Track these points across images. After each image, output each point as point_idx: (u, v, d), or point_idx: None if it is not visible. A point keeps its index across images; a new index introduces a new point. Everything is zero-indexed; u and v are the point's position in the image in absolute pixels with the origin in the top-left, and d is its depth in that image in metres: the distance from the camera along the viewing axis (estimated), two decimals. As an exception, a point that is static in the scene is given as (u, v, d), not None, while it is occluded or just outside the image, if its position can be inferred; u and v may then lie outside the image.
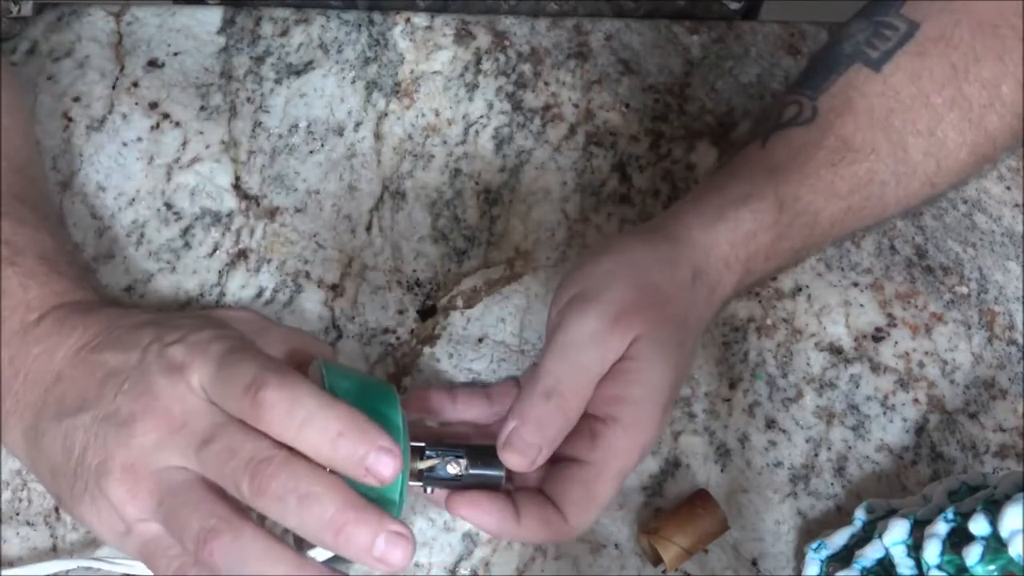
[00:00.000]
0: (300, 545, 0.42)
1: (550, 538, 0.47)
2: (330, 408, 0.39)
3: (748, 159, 0.54)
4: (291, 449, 0.39)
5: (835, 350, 0.59)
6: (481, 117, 0.64)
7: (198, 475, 0.41)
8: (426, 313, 0.58)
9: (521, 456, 0.45)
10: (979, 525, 0.44)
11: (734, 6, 0.69)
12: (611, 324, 0.46)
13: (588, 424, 0.47)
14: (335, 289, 0.58)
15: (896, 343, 0.59)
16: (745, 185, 0.52)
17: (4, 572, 0.51)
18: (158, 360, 0.43)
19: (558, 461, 0.48)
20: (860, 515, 0.52)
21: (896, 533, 0.48)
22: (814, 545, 0.51)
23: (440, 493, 0.48)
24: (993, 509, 0.44)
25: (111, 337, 0.46)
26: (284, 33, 0.66)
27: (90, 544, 0.51)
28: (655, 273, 0.49)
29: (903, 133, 0.52)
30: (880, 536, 0.49)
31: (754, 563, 0.53)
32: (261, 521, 0.41)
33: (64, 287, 0.48)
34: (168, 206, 0.60)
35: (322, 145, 0.62)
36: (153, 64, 0.64)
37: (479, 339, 0.58)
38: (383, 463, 0.38)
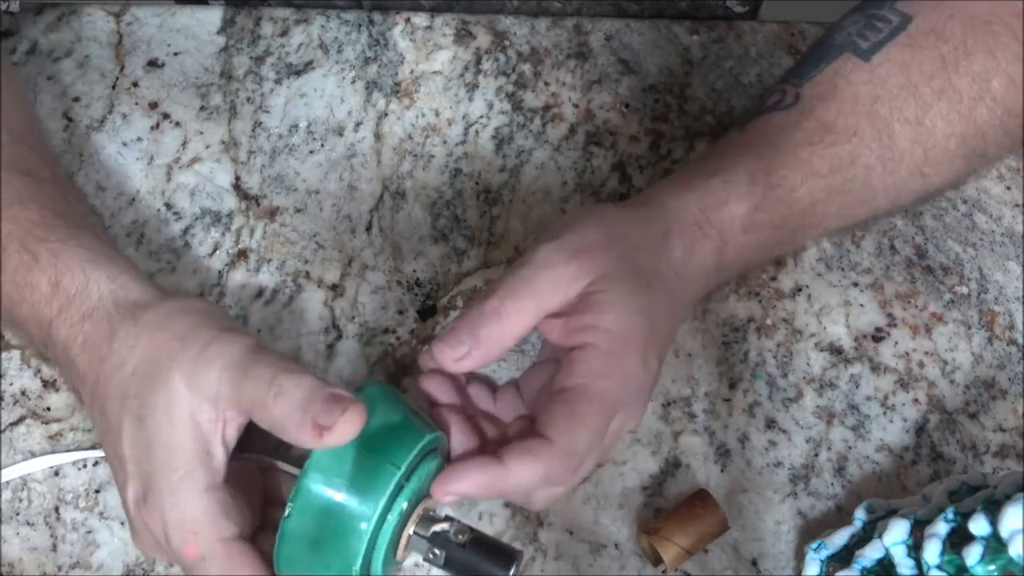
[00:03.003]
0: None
1: (542, 470, 0.44)
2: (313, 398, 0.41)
3: (725, 143, 0.55)
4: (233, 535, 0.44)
5: (835, 350, 0.59)
6: (481, 117, 0.64)
7: None
8: (426, 313, 0.58)
9: (446, 346, 0.46)
10: (979, 525, 0.44)
11: (739, 9, 0.69)
12: (569, 256, 0.47)
13: (565, 358, 0.47)
14: (335, 289, 0.58)
15: (896, 343, 0.59)
16: (717, 161, 0.53)
17: (4, 469, 0.52)
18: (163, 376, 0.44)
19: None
20: (860, 515, 0.52)
21: (896, 533, 0.48)
22: (814, 545, 0.51)
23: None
24: (993, 509, 0.44)
25: (166, 343, 0.45)
26: (284, 33, 0.66)
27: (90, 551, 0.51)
28: (624, 224, 0.50)
29: (889, 120, 0.53)
30: (880, 536, 0.49)
31: (754, 563, 0.53)
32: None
33: (108, 288, 0.47)
34: (168, 206, 0.60)
35: (322, 145, 0.62)
36: (153, 64, 0.64)
37: (479, 339, 0.58)
38: (327, 414, 0.41)
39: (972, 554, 0.44)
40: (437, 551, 0.43)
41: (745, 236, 0.52)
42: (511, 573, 0.43)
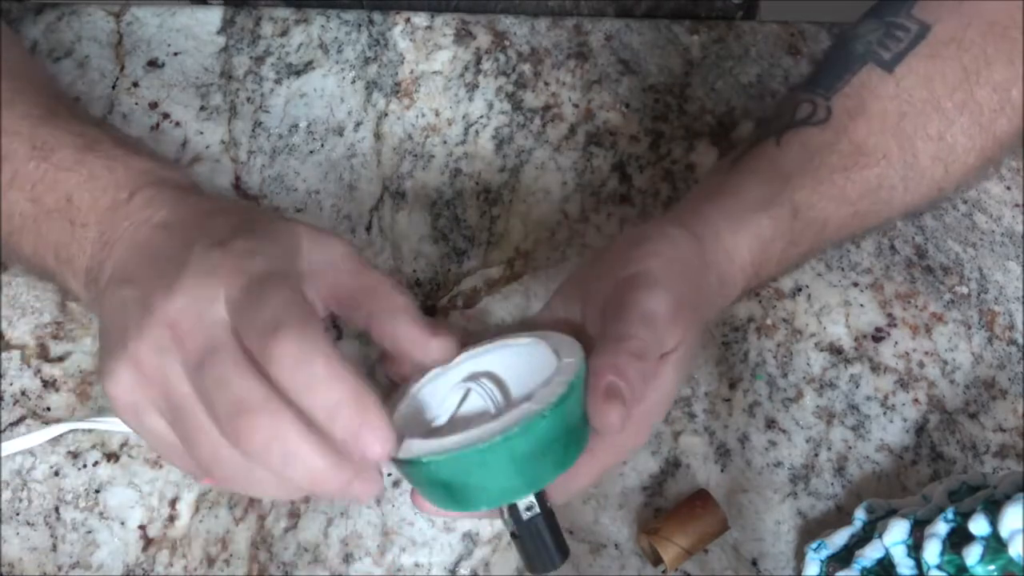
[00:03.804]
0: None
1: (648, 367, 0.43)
2: (337, 379, 0.37)
3: (763, 158, 0.54)
4: (277, 393, 0.38)
5: (835, 350, 0.59)
6: (481, 117, 0.64)
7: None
8: (426, 313, 0.58)
9: (620, 412, 0.42)
10: (979, 525, 0.44)
11: None
12: (673, 313, 0.45)
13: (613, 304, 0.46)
14: (335, 289, 0.59)
15: (896, 343, 0.59)
16: (763, 189, 0.52)
17: (4, 443, 0.52)
18: (197, 260, 0.41)
19: None
20: (860, 515, 0.52)
21: (896, 533, 0.48)
22: (814, 545, 0.51)
23: None
24: (993, 509, 0.44)
25: (184, 223, 0.44)
26: (284, 33, 0.66)
27: (88, 543, 0.52)
28: (696, 273, 0.48)
29: (914, 138, 0.52)
30: (880, 536, 0.49)
31: (754, 563, 0.53)
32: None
33: (148, 165, 0.46)
34: (168, 206, 0.60)
35: (322, 145, 0.62)
36: (153, 64, 0.64)
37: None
38: (370, 445, 0.38)
39: (972, 554, 0.44)
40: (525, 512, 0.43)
41: (776, 268, 0.52)
42: (560, 563, 0.44)
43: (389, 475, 0.54)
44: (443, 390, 0.44)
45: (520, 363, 0.45)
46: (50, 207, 0.45)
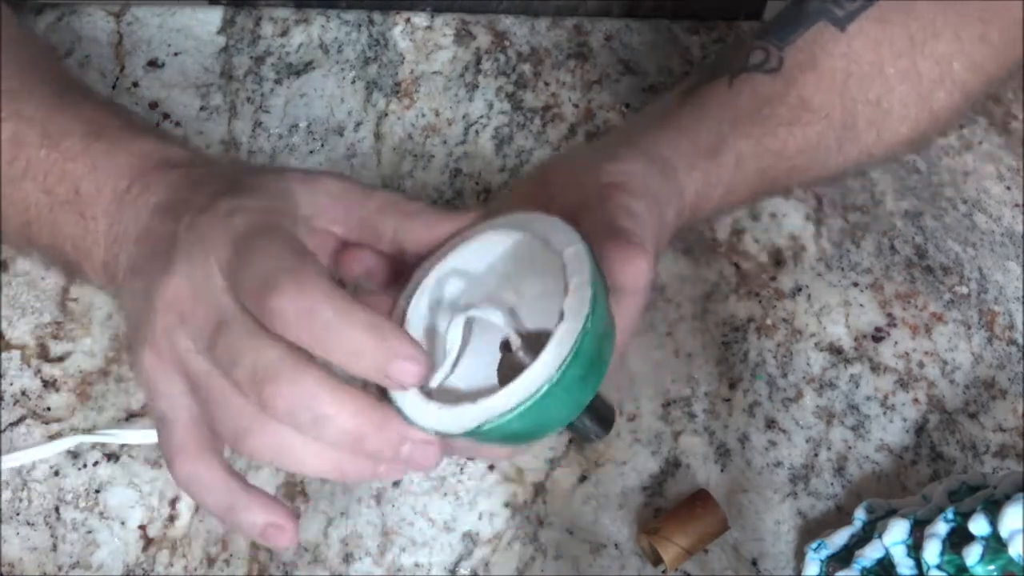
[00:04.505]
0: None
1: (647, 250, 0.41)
2: (346, 320, 0.35)
3: (714, 97, 0.53)
4: (301, 352, 0.35)
5: (835, 350, 0.59)
6: (481, 117, 0.64)
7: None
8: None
9: (647, 259, 0.41)
10: (979, 525, 0.44)
11: None
12: (655, 231, 0.45)
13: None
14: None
15: (896, 343, 0.59)
16: (714, 133, 0.51)
17: (5, 456, 0.52)
18: (184, 233, 0.39)
19: None
20: (860, 515, 0.52)
21: (896, 533, 0.48)
22: (814, 545, 0.51)
23: None
24: (993, 509, 0.44)
25: (174, 200, 0.42)
26: (284, 33, 0.66)
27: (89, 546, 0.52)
28: (662, 201, 0.48)
29: (855, 100, 0.52)
30: (880, 536, 0.49)
31: (754, 563, 0.53)
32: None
33: (149, 147, 0.44)
34: (168, 206, 0.60)
35: (322, 145, 0.62)
36: (153, 64, 0.64)
37: (479, 339, 0.58)
38: (403, 372, 0.35)
39: (972, 554, 0.44)
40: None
41: (709, 213, 0.52)
42: (607, 432, 0.40)
43: (389, 475, 0.54)
44: (418, 320, 0.40)
45: (508, 261, 0.41)
46: (62, 198, 0.44)
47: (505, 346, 0.38)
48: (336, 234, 0.41)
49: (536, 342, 0.37)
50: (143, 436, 0.54)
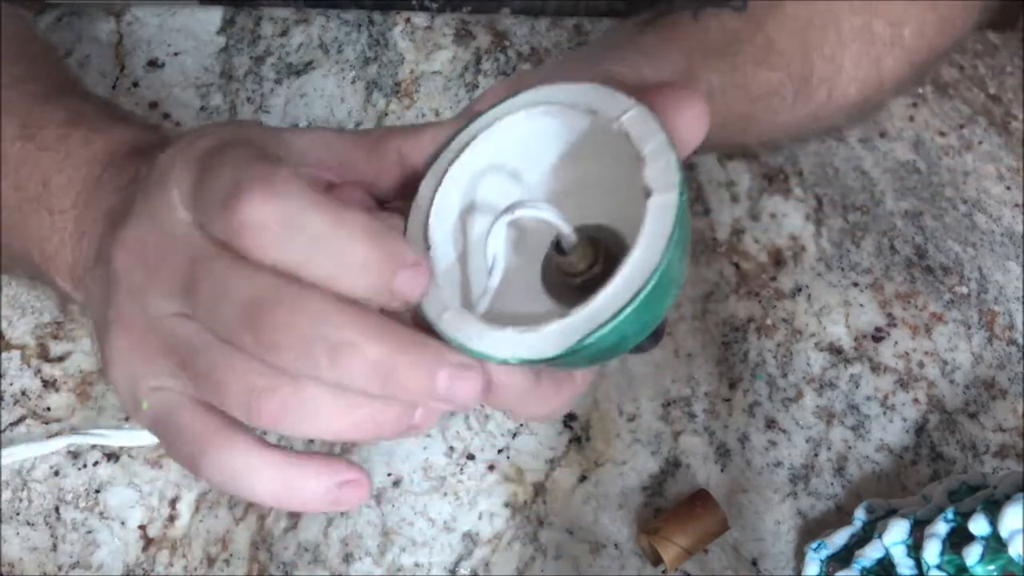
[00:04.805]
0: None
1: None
2: (341, 224, 0.29)
3: (679, 29, 0.48)
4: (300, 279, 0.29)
5: (835, 350, 0.59)
6: (481, 117, 0.64)
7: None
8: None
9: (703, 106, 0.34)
10: (979, 525, 0.44)
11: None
12: None
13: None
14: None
15: (896, 343, 0.59)
16: (683, 61, 0.47)
17: (4, 450, 0.52)
18: (143, 179, 0.33)
19: None
20: (860, 515, 0.52)
21: (896, 533, 0.48)
22: (814, 545, 0.51)
23: None
24: (993, 509, 0.44)
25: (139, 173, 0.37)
26: (284, 33, 0.66)
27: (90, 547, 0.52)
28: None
29: (811, 52, 0.50)
30: (880, 536, 0.49)
31: (754, 563, 0.53)
32: None
33: (127, 134, 0.40)
34: (168, 206, 0.60)
35: (322, 145, 0.62)
36: (153, 64, 0.64)
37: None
38: (409, 283, 0.30)
39: (972, 554, 0.44)
40: None
41: None
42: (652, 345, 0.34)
43: (389, 475, 0.54)
44: (441, 230, 0.33)
45: (539, 144, 0.34)
46: (31, 194, 0.40)
47: (556, 247, 0.32)
48: (328, 181, 0.34)
49: (588, 239, 0.31)
50: (141, 438, 0.53)
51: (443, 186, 0.32)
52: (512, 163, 0.33)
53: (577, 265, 0.32)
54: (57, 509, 0.52)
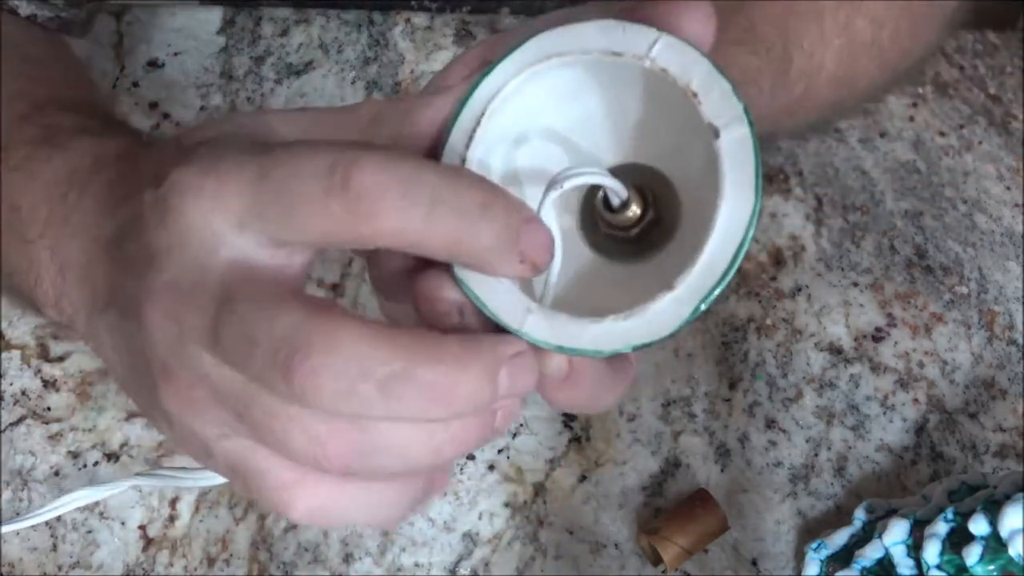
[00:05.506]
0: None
1: None
2: (456, 177, 0.27)
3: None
4: (329, 309, 0.26)
5: (835, 350, 0.59)
6: (481, 117, 0.64)
7: None
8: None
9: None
10: (979, 525, 0.44)
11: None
12: None
13: None
14: (335, 289, 0.58)
15: (896, 343, 0.59)
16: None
17: (77, 492, 0.50)
18: (158, 204, 0.28)
19: None
20: (860, 515, 0.52)
21: (896, 533, 0.48)
22: (814, 545, 0.51)
23: None
24: (993, 509, 0.44)
25: (119, 193, 0.33)
26: (284, 33, 0.66)
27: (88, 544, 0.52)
28: None
29: (791, 43, 0.48)
30: (880, 536, 0.49)
31: (754, 563, 0.53)
32: None
33: (87, 144, 0.37)
34: (168, 206, 0.60)
35: (322, 145, 0.62)
36: (153, 64, 0.64)
37: (479, 339, 0.58)
38: (535, 240, 0.27)
39: (972, 554, 0.44)
40: None
41: None
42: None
43: (389, 475, 0.54)
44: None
45: (556, 96, 0.31)
46: (6, 221, 0.36)
47: (605, 204, 0.30)
48: None
49: (633, 187, 0.29)
50: (206, 478, 0.47)
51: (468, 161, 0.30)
52: (536, 125, 0.31)
53: (631, 219, 0.30)
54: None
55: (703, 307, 0.27)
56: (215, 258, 0.27)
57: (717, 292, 0.27)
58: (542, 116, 0.31)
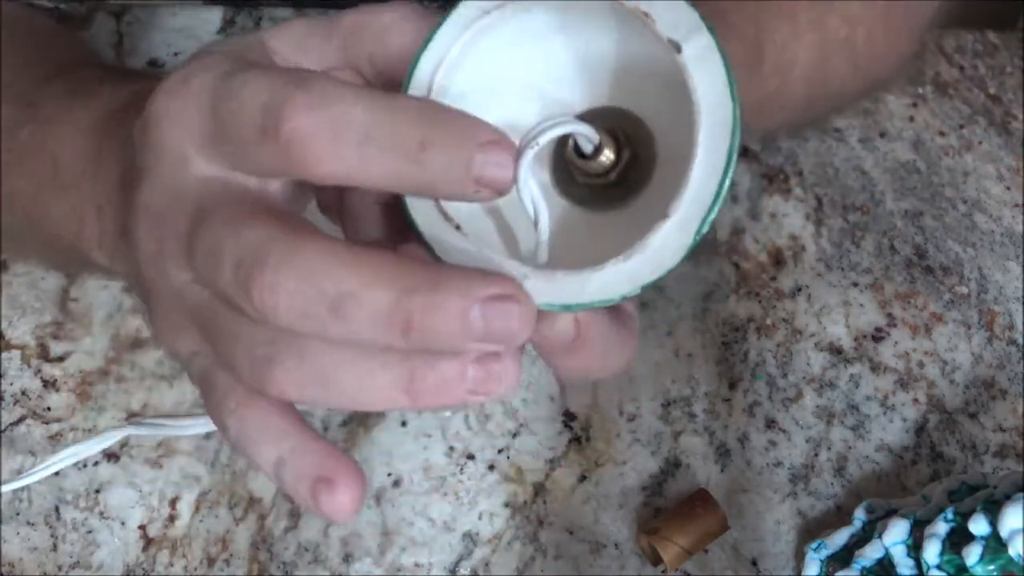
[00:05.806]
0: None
1: None
2: (396, 109, 0.25)
3: None
4: (297, 225, 0.26)
5: (835, 350, 0.59)
6: (481, 117, 0.64)
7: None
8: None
9: None
10: (979, 525, 0.44)
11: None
12: None
13: None
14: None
15: (896, 343, 0.59)
16: None
17: (64, 451, 0.51)
18: (143, 129, 0.29)
19: None
20: (860, 515, 0.52)
21: (896, 533, 0.48)
22: (814, 545, 0.51)
23: None
24: (993, 509, 0.44)
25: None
26: (284, 33, 0.66)
27: (89, 545, 0.52)
28: None
29: (763, 36, 0.46)
30: (880, 536, 0.49)
31: (754, 563, 0.53)
32: None
33: (123, 91, 0.38)
34: (168, 206, 0.60)
35: (322, 145, 0.62)
36: (153, 64, 0.64)
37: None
38: (493, 162, 0.25)
39: (972, 554, 0.44)
40: None
41: None
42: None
43: (389, 475, 0.54)
44: None
45: (522, 44, 0.29)
46: (46, 177, 0.37)
47: (576, 151, 0.29)
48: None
49: (605, 131, 0.28)
50: (195, 425, 0.52)
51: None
52: (500, 78, 0.30)
53: (606, 164, 0.28)
54: (57, 509, 0.52)
55: (704, 228, 0.25)
56: (188, 177, 0.27)
57: (716, 209, 0.25)
58: (506, 68, 0.29)
